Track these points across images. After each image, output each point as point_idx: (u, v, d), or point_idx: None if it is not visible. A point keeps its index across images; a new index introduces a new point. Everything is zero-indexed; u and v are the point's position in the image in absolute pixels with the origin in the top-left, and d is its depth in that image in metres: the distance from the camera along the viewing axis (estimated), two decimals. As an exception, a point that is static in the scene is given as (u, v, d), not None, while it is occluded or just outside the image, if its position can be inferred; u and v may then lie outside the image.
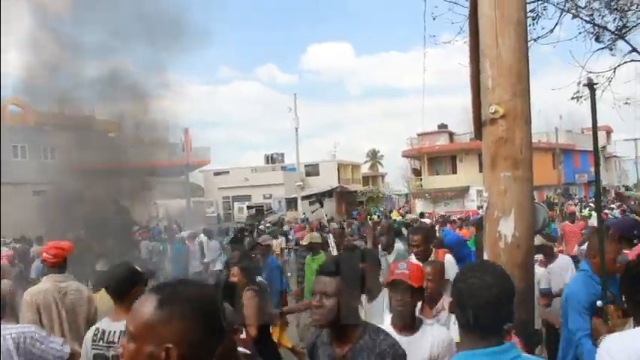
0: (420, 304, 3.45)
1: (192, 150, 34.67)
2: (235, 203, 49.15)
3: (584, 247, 9.81)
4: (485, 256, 2.71)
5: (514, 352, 1.86)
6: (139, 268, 3.73)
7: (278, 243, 14.56)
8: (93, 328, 3.49)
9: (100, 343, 3.34)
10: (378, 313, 3.74)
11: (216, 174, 52.97)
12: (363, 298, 3.80)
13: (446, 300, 3.83)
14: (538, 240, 4.92)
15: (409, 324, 3.00)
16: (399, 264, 3.10)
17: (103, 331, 3.37)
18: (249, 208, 45.40)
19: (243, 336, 3.20)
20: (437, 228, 17.62)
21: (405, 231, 11.71)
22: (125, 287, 3.45)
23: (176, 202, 40.27)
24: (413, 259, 5.21)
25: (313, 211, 9.23)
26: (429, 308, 3.61)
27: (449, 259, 5.47)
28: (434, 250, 5.80)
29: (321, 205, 9.01)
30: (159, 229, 28.80)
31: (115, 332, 3.32)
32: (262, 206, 45.19)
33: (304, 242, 9.20)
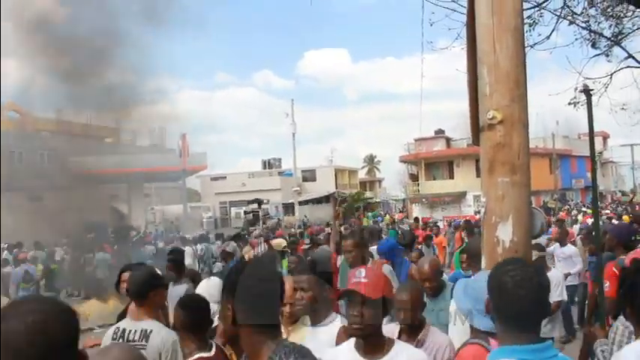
0: (397, 331, 3.21)
1: (189, 155, 34.66)
2: (232, 208, 49.18)
3: (552, 248, 10.04)
4: (484, 262, 2.71)
5: (553, 351, 1.91)
6: (159, 272, 3.83)
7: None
8: (113, 327, 3.61)
9: (120, 341, 3.44)
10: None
11: (213, 179, 53.02)
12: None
13: (432, 331, 3.31)
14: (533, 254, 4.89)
15: (375, 345, 2.60)
16: (358, 271, 2.68)
17: (124, 330, 3.48)
18: (246, 213, 45.41)
19: (206, 355, 3.09)
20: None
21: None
22: (145, 290, 3.56)
23: (173, 207, 40.32)
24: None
25: (247, 213, 9.03)
26: (410, 340, 3.15)
27: (387, 269, 5.17)
28: (371, 259, 5.45)
29: (259, 206, 8.82)
30: (158, 233, 28.84)
31: (135, 331, 3.44)
32: (259, 211, 45.20)
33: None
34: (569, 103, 8.21)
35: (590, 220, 18.92)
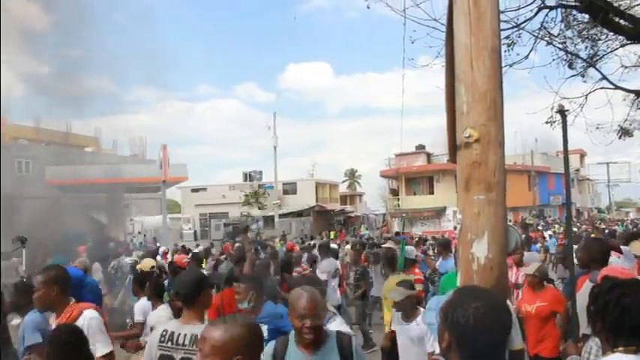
0: None
1: (169, 166, 34.43)
2: (212, 220, 48.89)
3: None
4: (459, 279, 2.74)
5: None
6: (205, 273, 3.77)
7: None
8: (160, 329, 3.45)
9: (168, 344, 3.32)
10: None
11: (194, 190, 52.69)
12: None
13: None
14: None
15: None
16: None
17: (172, 333, 3.35)
18: (225, 225, 45.16)
19: None
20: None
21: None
22: (195, 293, 3.47)
23: (153, 219, 39.94)
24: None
25: (14, 250, 7.96)
26: None
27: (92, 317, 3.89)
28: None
29: (23, 245, 7.42)
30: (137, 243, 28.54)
31: (185, 335, 3.30)
32: (239, 224, 44.97)
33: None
34: (546, 122, 8.37)
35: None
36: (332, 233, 38.17)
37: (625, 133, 9.29)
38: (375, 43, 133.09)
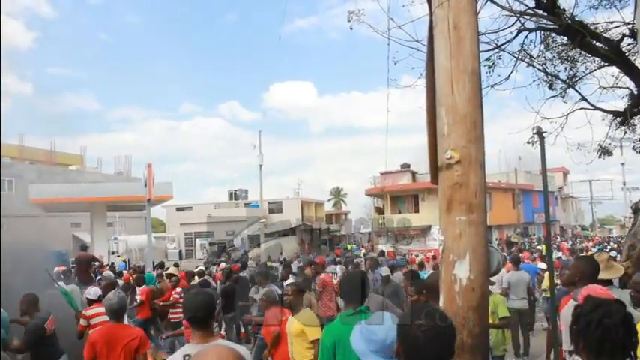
0: None
1: (154, 185, 34.18)
2: (197, 239, 48.57)
3: None
4: (442, 299, 2.76)
5: None
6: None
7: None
8: (180, 354, 3.43)
9: None
10: None
11: (179, 209, 52.34)
12: None
13: None
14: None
15: None
16: None
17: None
18: (211, 244, 44.85)
19: None
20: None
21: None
22: (211, 314, 3.53)
23: (138, 238, 39.55)
24: None
25: (212, 244, 8.00)
26: None
27: None
28: None
29: None
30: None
31: None
32: (225, 243, 44.73)
33: None
34: (528, 142, 8.48)
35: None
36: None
37: (604, 152, 9.44)
38: (358, 63, 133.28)
